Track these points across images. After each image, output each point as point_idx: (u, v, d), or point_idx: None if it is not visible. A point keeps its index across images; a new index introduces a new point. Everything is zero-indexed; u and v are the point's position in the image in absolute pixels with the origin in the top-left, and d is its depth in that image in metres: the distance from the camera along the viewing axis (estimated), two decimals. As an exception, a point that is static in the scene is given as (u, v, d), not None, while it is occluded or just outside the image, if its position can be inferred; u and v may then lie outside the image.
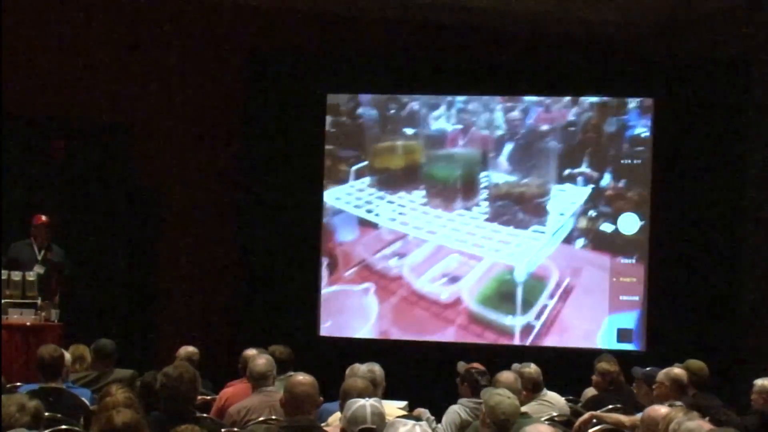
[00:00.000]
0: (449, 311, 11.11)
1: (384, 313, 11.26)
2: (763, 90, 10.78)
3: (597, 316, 10.86)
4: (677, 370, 7.06)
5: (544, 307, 10.90)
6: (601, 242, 10.89)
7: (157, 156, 11.55)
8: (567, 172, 10.94)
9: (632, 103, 10.88)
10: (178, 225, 11.61)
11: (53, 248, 9.85)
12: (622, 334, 10.81)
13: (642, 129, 10.90)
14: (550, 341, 10.88)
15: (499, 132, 11.16)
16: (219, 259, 11.67)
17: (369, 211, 11.34)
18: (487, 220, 11.10)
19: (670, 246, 10.80)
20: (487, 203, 11.11)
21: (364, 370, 6.70)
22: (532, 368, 7.28)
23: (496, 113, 11.17)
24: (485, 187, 11.12)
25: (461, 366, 7.39)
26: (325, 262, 11.36)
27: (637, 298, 10.82)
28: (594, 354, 8.34)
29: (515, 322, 10.94)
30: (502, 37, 12.29)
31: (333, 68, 11.43)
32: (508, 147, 11.10)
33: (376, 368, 6.79)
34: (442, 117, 11.27)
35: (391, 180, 11.37)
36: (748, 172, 10.80)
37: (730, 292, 10.75)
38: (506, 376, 6.63)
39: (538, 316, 10.90)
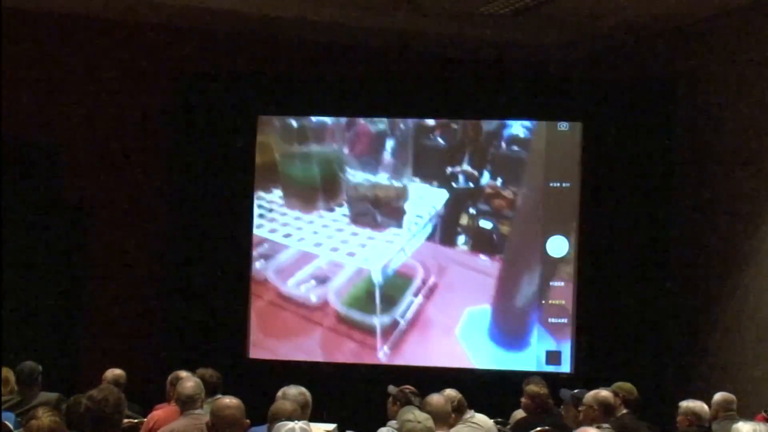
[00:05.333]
0: (317, 313, 11.07)
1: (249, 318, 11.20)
2: (689, 111, 10.96)
3: (457, 310, 10.96)
4: (605, 393, 7.13)
5: (410, 304, 10.99)
6: (480, 239, 11.00)
7: (84, 177, 11.41)
8: (449, 170, 11.04)
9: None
10: (105, 245, 11.46)
11: None
12: (551, 357, 10.88)
13: (519, 129, 11.04)
14: (413, 337, 10.95)
15: (381, 126, 11.22)
16: (147, 281, 11.55)
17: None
18: (348, 223, 11.12)
19: (598, 269, 10.88)
20: (347, 205, 11.13)
21: (294, 392, 6.68)
22: (449, 391, 7.26)
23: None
24: (346, 188, 11.15)
25: (392, 388, 7.40)
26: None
27: (565, 320, 10.90)
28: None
29: (377, 320, 11.01)
30: (431, 60, 12.38)
31: (263, 89, 11.40)
32: (389, 143, 11.17)
33: (305, 391, 6.77)
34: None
35: None
36: (675, 195, 10.96)
37: (659, 316, 10.86)
38: (436, 399, 6.61)
39: (402, 314, 10.98)
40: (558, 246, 10.92)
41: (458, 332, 10.93)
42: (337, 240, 11.09)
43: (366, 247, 11.05)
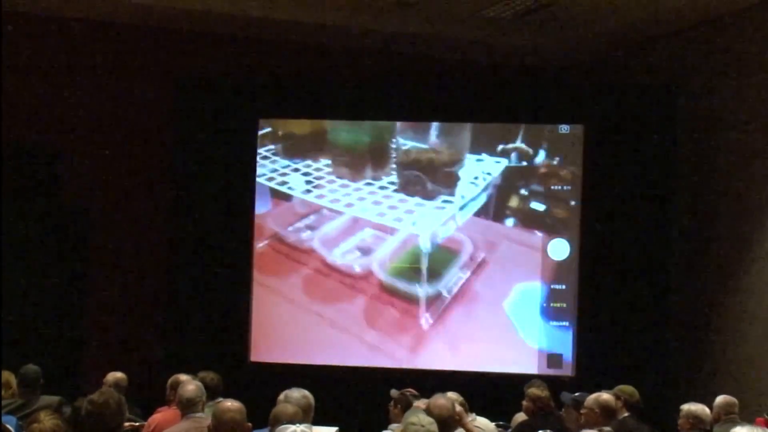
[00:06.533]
0: (361, 282, 11.08)
1: (294, 282, 11.17)
2: (690, 113, 10.95)
3: (506, 286, 10.89)
4: (606, 396, 7.13)
5: (458, 279, 10.91)
6: (531, 222, 10.93)
7: (84, 179, 11.43)
8: (500, 147, 10.94)
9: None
10: (106, 249, 11.49)
11: None
12: (552, 360, 10.87)
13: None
14: (459, 310, 10.90)
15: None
16: (147, 285, 11.56)
17: (282, 183, 11.21)
18: (395, 190, 11.06)
19: (600, 271, 10.87)
20: (396, 173, 11.03)
21: (296, 395, 6.67)
22: (451, 394, 7.24)
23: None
24: (395, 154, 11.06)
25: (394, 392, 7.40)
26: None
27: (567, 323, 10.89)
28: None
29: (420, 290, 10.97)
30: (436, 64, 12.38)
31: (263, 92, 11.40)
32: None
33: (308, 394, 6.76)
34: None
35: (297, 147, 11.25)
36: (676, 197, 10.95)
37: (660, 318, 10.84)
38: (441, 402, 6.60)
39: (448, 287, 10.91)
40: (559, 249, 10.91)
41: (507, 307, 10.85)
42: (385, 206, 11.04)
43: (414, 214, 10.99)
